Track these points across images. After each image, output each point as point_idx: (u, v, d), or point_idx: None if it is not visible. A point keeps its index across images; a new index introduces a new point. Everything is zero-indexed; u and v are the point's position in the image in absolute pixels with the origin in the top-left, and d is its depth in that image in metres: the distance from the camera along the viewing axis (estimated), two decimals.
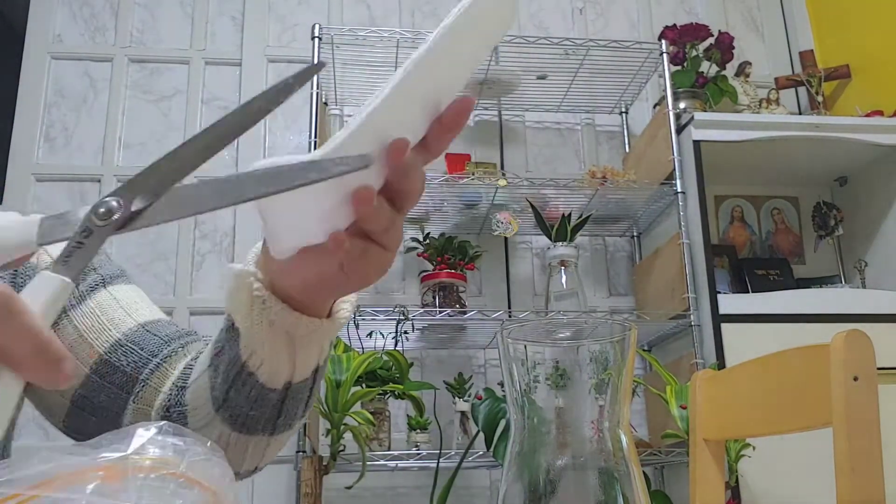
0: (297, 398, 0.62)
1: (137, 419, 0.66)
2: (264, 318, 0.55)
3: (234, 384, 0.59)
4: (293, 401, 0.61)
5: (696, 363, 2.07)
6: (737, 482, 1.91)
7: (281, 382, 0.59)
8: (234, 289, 0.55)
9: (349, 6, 2.79)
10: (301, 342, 0.57)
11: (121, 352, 0.68)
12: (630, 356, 0.43)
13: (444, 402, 2.19)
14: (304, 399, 0.63)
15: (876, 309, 2.14)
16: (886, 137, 2.34)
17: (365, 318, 2.05)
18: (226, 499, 0.42)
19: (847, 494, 0.78)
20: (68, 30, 2.67)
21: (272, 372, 0.58)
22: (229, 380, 0.59)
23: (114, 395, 0.66)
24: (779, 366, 0.97)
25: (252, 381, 0.58)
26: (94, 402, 0.67)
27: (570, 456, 0.42)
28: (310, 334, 0.56)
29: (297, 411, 0.63)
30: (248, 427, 0.62)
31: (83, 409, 0.67)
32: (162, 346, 0.69)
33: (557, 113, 2.72)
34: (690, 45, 2.58)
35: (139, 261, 2.45)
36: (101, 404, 0.67)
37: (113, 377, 0.67)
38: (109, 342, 0.68)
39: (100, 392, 0.67)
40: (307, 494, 1.77)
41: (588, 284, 2.56)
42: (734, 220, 2.70)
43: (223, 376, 0.60)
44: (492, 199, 2.32)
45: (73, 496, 0.37)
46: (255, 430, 0.62)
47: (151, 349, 0.69)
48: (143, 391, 0.67)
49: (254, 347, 0.57)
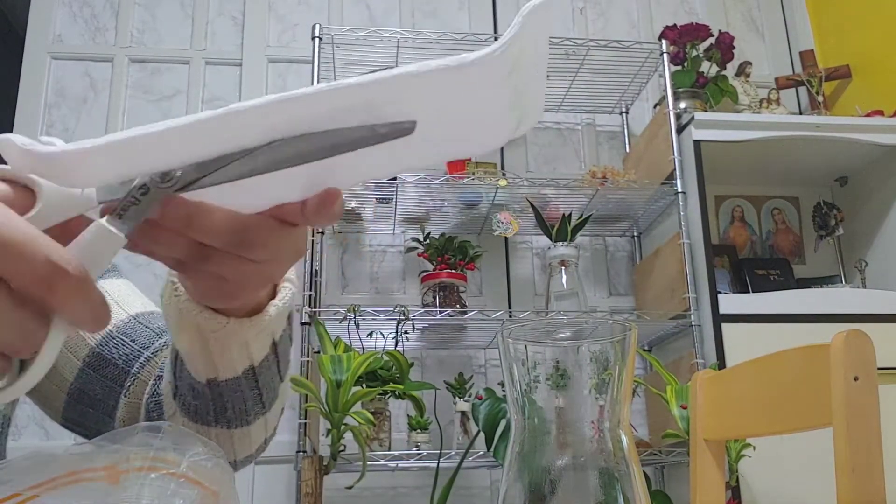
0: (236, 396, 0.59)
1: (129, 413, 0.66)
2: (175, 306, 0.53)
3: (176, 371, 0.59)
4: (233, 398, 0.59)
5: (697, 363, 2.07)
6: (737, 482, 1.91)
7: (203, 377, 0.57)
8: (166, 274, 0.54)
9: (349, 6, 2.79)
10: (214, 339, 0.54)
11: (112, 343, 0.67)
12: (630, 356, 0.43)
13: (444, 402, 2.19)
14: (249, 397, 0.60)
15: (876, 309, 2.14)
16: (887, 137, 2.34)
17: (365, 318, 2.05)
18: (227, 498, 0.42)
19: (847, 494, 0.78)
20: (68, 30, 2.67)
21: (191, 365, 0.57)
22: (174, 367, 0.59)
23: (108, 387, 0.66)
24: (779, 366, 0.97)
25: (185, 370, 0.58)
26: (91, 395, 0.67)
27: (571, 456, 0.42)
28: (219, 331, 0.53)
29: (244, 408, 0.60)
30: (200, 418, 0.61)
31: (80, 402, 0.67)
32: (153, 339, 0.69)
33: (558, 113, 2.72)
34: (691, 45, 2.58)
35: (139, 260, 2.45)
36: (96, 396, 0.67)
37: (105, 370, 0.67)
38: (101, 334, 0.68)
39: (94, 384, 0.67)
40: (307, 494, 1.77)
41: (588, 284, 2.56)
42: (734, 219, 2.70)
43: (170, 363, 0.60)
44: (492, 199, 2.32)
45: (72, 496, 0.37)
46: (207, 421, 0.61)
47: (143, 342, 0.68)
48: (133, 385, 0.66)
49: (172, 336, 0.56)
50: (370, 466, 1.86)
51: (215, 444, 0.47)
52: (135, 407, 0.66)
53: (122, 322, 0.69)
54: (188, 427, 0.61)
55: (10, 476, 0.37)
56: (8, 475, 0.37)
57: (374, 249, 2.56)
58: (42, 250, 0.34)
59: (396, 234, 2.56)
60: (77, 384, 0.67)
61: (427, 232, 2.34)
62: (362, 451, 1.79)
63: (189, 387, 0.59)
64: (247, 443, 0.64)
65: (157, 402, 0.64)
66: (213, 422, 0.61)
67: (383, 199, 2.34)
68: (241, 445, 0.64)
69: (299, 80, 2.67)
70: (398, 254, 2.55)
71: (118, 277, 0.74)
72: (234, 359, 0.56)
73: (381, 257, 2.56)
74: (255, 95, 2.96)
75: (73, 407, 0.68)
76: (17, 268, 0.33)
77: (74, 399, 0.67)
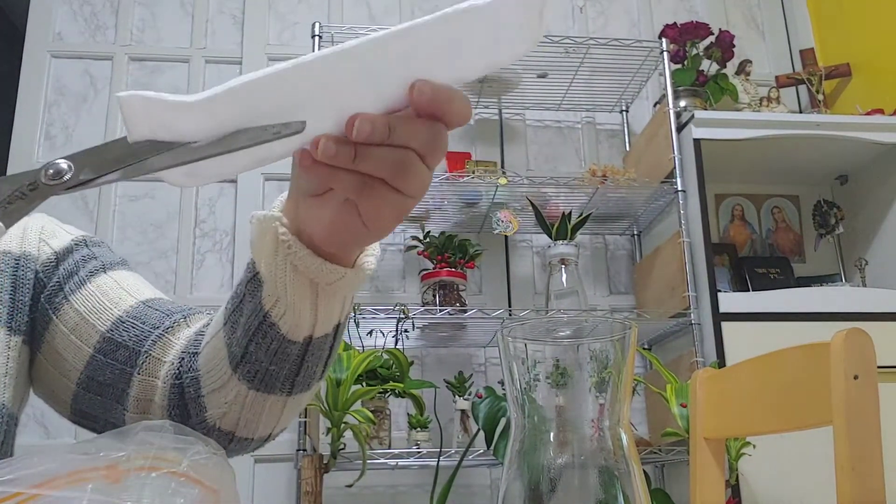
0: (318, 355, 0.61)
1: (143, 390, 0.66)
2: (288, 263, 0.54)
3: (254, 337, 0.59)
4: (313, 357, 0.61)
5: (697, 361, 2.07)
6: (737, 481, 1.91)
7: (302, 335, 0.58)
8: (259, 234, 0.55)
9: (349, 4, 2.79)
10: (324, 291, 0.56)
11: (122, 328, 0.68)
12: (630, 354, 0.43)
13: (444, 400, 2.19)
14: (323, 357, 0.62)
15: (876, 307, 2.14)
16: (887, 136, 2.34)
17: (365, 316, 2.05)
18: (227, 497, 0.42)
19: (847, 493, 0.78)
20: (68, 28, 2.67)
21: (294, 323, 0.57)
22: (250, 332, 0.59)
23: (118, 370, 0.66)
24: (779, 364, 0.97)
25: (273, 333, 0.58)
26: (100, 381, 0.67)
27: (571, 454, 0.42)
28: (334, 283, 0.55)
29: (315, 369, 0.62)
30: (266, 384, 0.61)
31: (88, 391, 0.67)
32: (163, 319, 0.69)
33: (558, 111, 2.72)
34: (691, 44, 2.58)
35: (139, 259, 2.45)
36: (106, 382, 0.67)
37: (116, 354, 0.67)
38: (111, 320, 0.68)
39: (104, 370, 0.67)
40: (307, 493, 1.78)
41: (588, 283, 2.56)
42: (735, 218, 2.70)
43: (243, 329, 0.60)
44: (492, 197, 2.32)
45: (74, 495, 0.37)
46: (272, 387, 0.62)
47: (153, 322, 0.69)
48: (146, 362, 0.66)
49: (278, 295, 0.56)
50: (370, 465, 1.87)
51: (216, 442, 0.47)
52: (149, 384, 0.66)
53: (131, 307, 0.69)
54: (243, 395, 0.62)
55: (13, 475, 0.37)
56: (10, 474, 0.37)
57: None
58: None
59: (396, 232, 2.56)
60: (87, 372, 0.67)
61: (427, 230, 2.34)
62: (362, 449, 1.79)
63: (272, 352, 0.59)
64: (293, 412, 0.65)
65: (193, 378, 0.64)
66: (279, 388, 0.62)
67: None
68: (288, 414, 0.65)
69: None
70: (398, 252, 2.55)
71: (128, 270, 0.75)
72: (333, 312, 0.59)
73: (381, 256, 2.56)
74: None
75: (81, 397, 0.68)
76: None
77: (83, 388, 0.67)
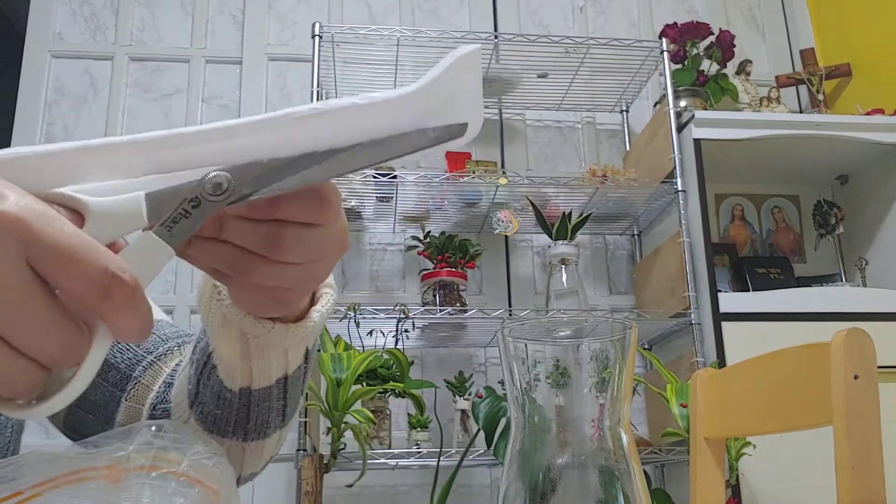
0: (264, 406, 0.58)
1: (129, 417, 0.66)
2: (218, 311, 0.53)
3: (202, 377, 0.58)
4: (259, 408, 0.58)
5: (697, 361, 2.07)
6: (737, 480, 1.91)
7: (237, 385, 0.57)
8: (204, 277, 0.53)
9: (349, 4, 2.79)
10: (255, 343, 0.53)
11: (116, 349, 0.67)
12: (630, 354, 0.43)
13: (444, 400, 2.19)
14: (274, 408, 0.59)
15: (876, 307, 2.14)
16: (887, 136, 2.34)
17: (365, 316, 2.05)
18: (227, 497, 0.42)
19: (847, 493, 0.78)
20: (69, 28, 2.67)
21: (227, 372, 0.56)
22: (199, 372, 0.58)
23: (108, 392, 0.66)
24: (779, 364, 0.97)
25: (215, 376, 0.57)
26: (91, 400, 0.66)
27: (571, 454, 0.42)
28: (261, 336, 0.52)
29: (266, 419, 0.60)
30: (217, 428, 0.60)
31: (80, 408, 0.67)
32: (158, 344, 0.68)
33: (558, 111, 2.72)
34: (691, 44, 2.58)
35: None
36: (97, 402, 0.66)
37: (108, 375, 0.66)
38: None
39: (96, 389, 0.66)
40: (308, 493, 1.78)
41: (588, 283, 2.56)
42: (735, 218, 2.70)
43: (195, 367, 0.59)
44: (492, 197, 2.32)
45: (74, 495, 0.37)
46: (224, 432, 0.60)
47: (147, 346, 0.68)
48: (134, 388, 0.66)
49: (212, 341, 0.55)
50: (370, 465, 1.87)
51: (216, 443, 0.47)
52: (135, 411, 0.65)
53: None
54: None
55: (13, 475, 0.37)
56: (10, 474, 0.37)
57: (374, 248, 2.56)
58: (100, 258, 0.33)
59: (396, 232, 2.56)
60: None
61: (427, 230, 2.34)
62: (362, 449, 1.79)
63: (215, 395, 0.58)
64: (258, 457, 0.63)
65: (164, 410, 0.64)
66: (231, 433, 0.60)
67: (383, 197, 2.34)
68: (251, 459, 0.63)
69: (299, 78, 2.67)
70: (398, 252, 2.55)
71: None
72: (271, 367, 0.56)
73: (382, 256, 2.56)
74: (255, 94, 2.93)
75: (74, 414, 0.67)
76: (73, 274, 0.33)
77: (76, 405, 0.67)
